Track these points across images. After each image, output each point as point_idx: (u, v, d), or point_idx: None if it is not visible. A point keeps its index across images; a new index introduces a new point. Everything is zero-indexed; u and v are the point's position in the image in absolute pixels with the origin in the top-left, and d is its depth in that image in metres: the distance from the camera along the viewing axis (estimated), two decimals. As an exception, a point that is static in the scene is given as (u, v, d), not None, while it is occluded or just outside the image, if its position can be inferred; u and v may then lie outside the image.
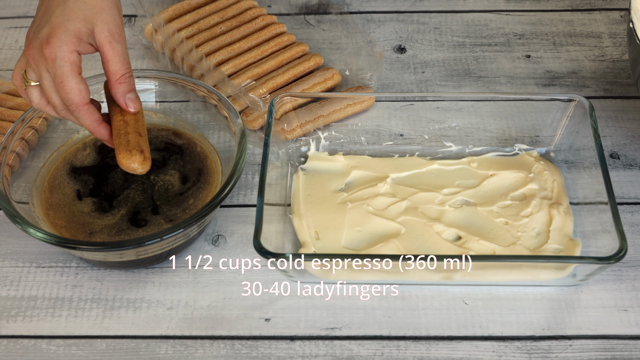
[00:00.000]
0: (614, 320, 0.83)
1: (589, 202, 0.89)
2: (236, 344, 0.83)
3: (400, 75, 1.10)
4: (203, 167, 0.94)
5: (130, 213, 0.89)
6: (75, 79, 0.78)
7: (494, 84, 1.09)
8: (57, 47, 0.77)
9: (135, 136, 0.81)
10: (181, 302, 0.86)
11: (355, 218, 0.90)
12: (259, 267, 0.89)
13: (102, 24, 0.79)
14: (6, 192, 0.86)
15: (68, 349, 0.83)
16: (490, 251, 0.87)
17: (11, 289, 0.88)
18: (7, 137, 0.90)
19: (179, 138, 0.96)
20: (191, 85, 0.97)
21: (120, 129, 0.81)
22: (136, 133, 0.81)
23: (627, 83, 1.08)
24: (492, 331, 0.83)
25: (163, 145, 0.96)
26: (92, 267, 0.89)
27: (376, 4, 1.21)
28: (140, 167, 0.80)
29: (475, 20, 1.18)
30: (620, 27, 1.16)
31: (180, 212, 0.89)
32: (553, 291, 0.86)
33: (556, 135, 0.96)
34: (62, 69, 0.77)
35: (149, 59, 1.13)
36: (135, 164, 0.80)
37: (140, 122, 0.83)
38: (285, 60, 1.08)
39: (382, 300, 0.86)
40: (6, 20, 1.20)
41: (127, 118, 0.82)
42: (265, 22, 1.12)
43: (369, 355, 0.81)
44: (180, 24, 1.11)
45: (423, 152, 0.98)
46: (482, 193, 0.93)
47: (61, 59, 0.77)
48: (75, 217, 0.88)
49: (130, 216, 0.88)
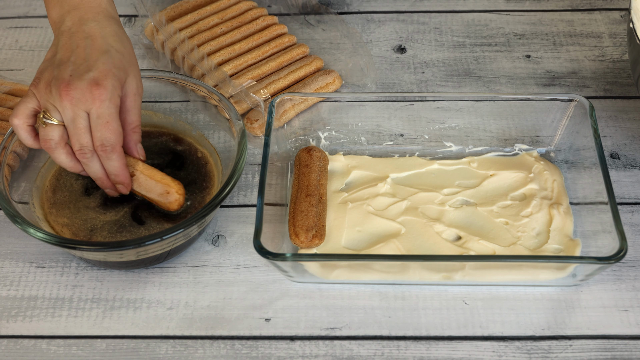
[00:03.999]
0: (614, 320, 0.83)
1: (589, 202, 0.89)
2: (236, 344, 0.83)
3: (400, 75, 1.10)
4: (203, 170, 0.94)
5: (132, 208, 0.89)
6: (118, 122, 0.83)
7: (494, 84, 1.09)
8: (110, 90, 0.81)
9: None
10: (181, 302, 0.86)
11: (356, 218, 0.90)
12: (259, 267, 0.89)
13: (133, 77, 0.85)
14: (6, 192, 0.86)
15: (68, 349, 0.83)
16: (490, 251, 0.87)
17: (11, 289, 0.88)
18: (7, 137, 0.90)
19: (179, 144, 0.96)
20: (191, 85, 0.97)
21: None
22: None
23: (627, 83, 1.08)
24: (492, 331, 0.83)
25: (162, 150, 0.96)
26: (92, 267, 0.89)
27: (376, 4, 1.21)
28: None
29: (475, 20, 1.18)
30: (620, 27, 1.16)
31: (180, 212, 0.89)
32: (553, 291, 0.86)
33: (556, 135, 0.96)
34: (110, 109, 0.82)
35: (149, 58, 1.13)
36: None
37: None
38: (285, 62, 1.08)
39: (382, 300, 0.86)
40: (6, 20, 1.20)
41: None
42: (266, 23, 1.12)
43: (369, 355, 0.81)
44: (180, 24, 1.11)
45: (423, 152, 0.98)
46: (482, 193, 0.93)
47: (111, 101, 0.82)
48: (80, 213, 0.89)
49: (132, 213, 0.89)
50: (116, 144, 0.83)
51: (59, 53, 0.84)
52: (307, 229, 0.87)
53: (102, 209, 0.89)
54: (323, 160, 0.95)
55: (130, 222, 0.88)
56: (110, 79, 0.82)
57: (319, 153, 0.95)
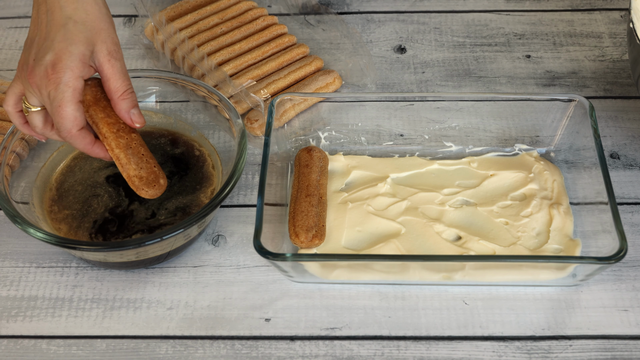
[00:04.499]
0: (614, 320, 0.83)
1: (589, 202, 0.89)
2: (236, 344, 0.83)
3: (400, 75, 1.10)
4: (203, 170, 0.94)
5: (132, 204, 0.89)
6: (74, 106, 0.78)
7: (494, 84, 1.09)
8: (63, 72, 0.77)
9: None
10: (181, 302, 0.86)
11: (356, 218, 0.90)
12: (259, 267, 0.89)
13: (101, 43, 0.79)
14: (6, 192, 0.86)
15: (68, 349, 0.83)
16: (490, 251, 0.87)
17: (11, 289, 0.88)
18: (7, 137, 0.90)
19: (178, 146, 0.96)
20: (191, 85, 0.97)
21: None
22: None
23: (627, 83, 1.08)
24: (492, 331, 0.83)
25: (161, 153, 0.96)
26: (92, 267, 0.89)
27: (376, 4, 1.21)
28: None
29: (475, 20, 1.18)
30: (620, 27, 1.16)
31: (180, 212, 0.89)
32: (553, 291, 0.86)
33: (556, 135, 0.96)
34: (63, 94, 0.77)
35: (149, 58, 1.13)
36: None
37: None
38: (285, 62, 1.08)
39: (382, 300, 0.86)
40: (6, 20, 1.20)
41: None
42: (266, 23, 1.12)
43: (369, 355, 0.81)
44: (180, 24, 1.11)
45: (423, 152, 0.98)
46: (482, 193, 0.93)
47: (65, 84, 0.77)
48: (87, 202, 0.90)
49: (133, 210, 0.89)
50: (71, 129, 0.79)
51: (29, 30, 0.82)
52: (307, 229, 0.87)
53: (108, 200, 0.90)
54: (323, 160, 0.95)
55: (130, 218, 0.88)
56: (66, 60, 0.77)
57: (319, 153, 0.95)
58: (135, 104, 0.81)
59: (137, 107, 0.82)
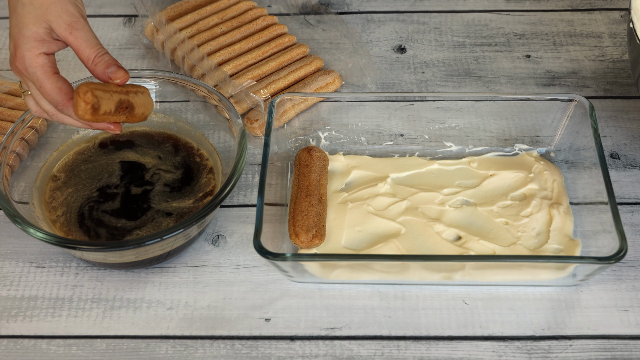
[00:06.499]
0: (614, 320, 0.83)
1: (589, 202, 0.89)
2: (236, 344, 0.83)
3: (400, 75, 1.10)
4: (203, 170, 0.94)
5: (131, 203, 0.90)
6: (51, 79, 0.78)
7: (494, 84, 1.09)
8: (23, 57, 0.78)
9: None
10: (181, 302, 0.86)
11: (356, 218, 0.90)
12: (259, 267, 0.89)
13: (56, 18, 0.78)
14: (6, 192, 0.86)
15: (68, 349, 0.83)
16: (490, 251, 0.87)
17: (11, 289, 0.88)
18: (7, 137, 0.90)
19: (178, 147, 0.96)
20: (191, 85, 0.97)
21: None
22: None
23: (627, 83, 1.08)
24: (492, 331, 0.83)
25: (162, 153, 0.96)
26: (92, 267, 0.89)
27: (376, 4, 1.21)
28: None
29: (475, 20, 1.18)
30: (620, 27, 1.16)
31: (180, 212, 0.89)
32: (553, 291, 0.86)
33: (556, 135, 0.96)
34: (35, 74, 0.78)
35: (149, 58, 1.13)
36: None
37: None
38: (285, 62, 1.08)
39: (382, 300, 0.86)
40: (6, 20, 1.20)
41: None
42: (266, 23, 1.12)
43: (369, 355, 0.81)
44: (180, 24, 1.11)
45: (423, 152, 0.98)
46: (482, 193, 0.93)
47: (30, 66, 0.78)
48: (88, 202, 0.90)
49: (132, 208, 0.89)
50: (64, 100, 0.78)
51: None
52: (307, 229, 0.87)
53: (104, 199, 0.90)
54: (323, 160, 0.95)
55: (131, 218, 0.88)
56: (22, 44, 0.78)
57: (319, 153, 0.95)
58: (109, 63, 0.79)
59: (114, 64, 0.80)
